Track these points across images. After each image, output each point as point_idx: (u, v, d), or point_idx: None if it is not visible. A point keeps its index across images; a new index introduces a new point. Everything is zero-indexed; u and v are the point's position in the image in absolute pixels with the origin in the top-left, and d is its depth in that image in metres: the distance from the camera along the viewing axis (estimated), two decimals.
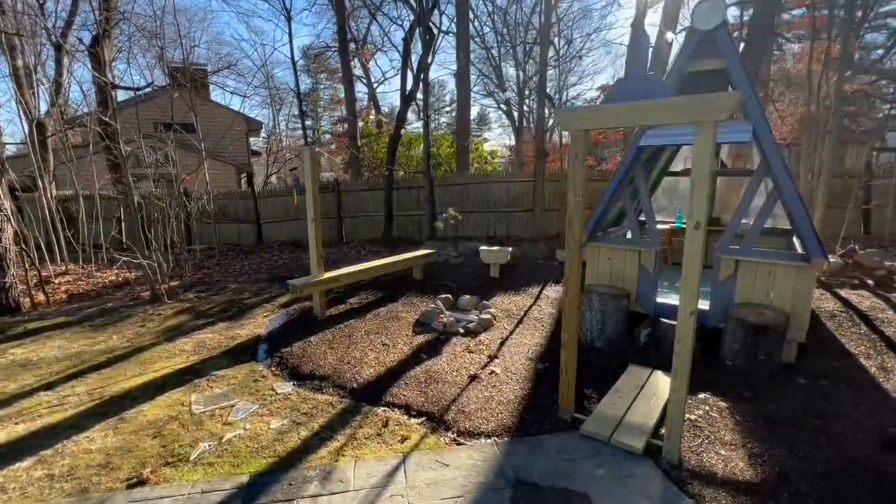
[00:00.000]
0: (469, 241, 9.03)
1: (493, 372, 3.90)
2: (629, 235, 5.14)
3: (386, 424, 3.10)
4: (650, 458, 2.69)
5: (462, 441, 2.93)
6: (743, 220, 4.22)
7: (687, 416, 3.22)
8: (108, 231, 8.43)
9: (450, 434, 3.01)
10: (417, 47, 9.48)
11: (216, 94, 26.74)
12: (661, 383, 3.59)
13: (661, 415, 3.09)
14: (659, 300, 4.66)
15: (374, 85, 22.28)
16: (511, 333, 4.87)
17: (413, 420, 3.20)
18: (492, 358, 4.22)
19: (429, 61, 8.08)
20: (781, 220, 5.29)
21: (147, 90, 11.45)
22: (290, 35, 8.82)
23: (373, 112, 21.84)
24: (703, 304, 4.50)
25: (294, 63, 8.22)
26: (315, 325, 5.20)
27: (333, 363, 4.16)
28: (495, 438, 2.95)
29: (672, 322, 4.39)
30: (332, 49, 14.27)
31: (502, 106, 28.10)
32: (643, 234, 4.93)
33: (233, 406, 3.36)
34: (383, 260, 6.33)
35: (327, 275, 5.41)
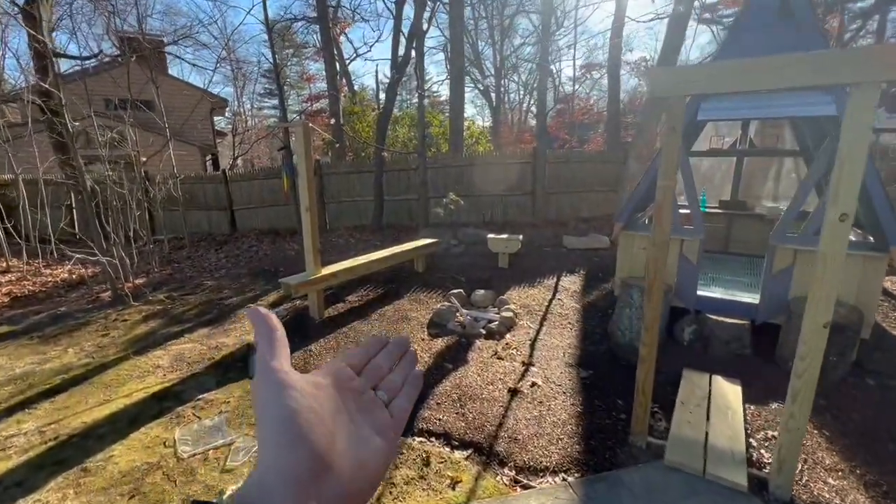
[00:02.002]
0: (466, 228, 8.43)
1: (534, 384, 3.38)
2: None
3: (427, 462, 2.53)
4: (756, 496, 2.25)
5: (526, 481, 2.40)
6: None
7: (767, 431, 2.81)
8: (56, 221, 7.34)
9: (507, 471, 2.48)
10: (409, 13, 8.61)
11: (174, 69, 24.68)
12: (729, 393, 3.18)
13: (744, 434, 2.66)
14: (700, 293, 4.25)
15: (347, 60, 20.98)
16: (538, 333, 4.36)
17: (458, 454, 2.64)
18: (526, 365, 3.70)
19: (424, 27, 7.26)
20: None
21: (93, 60, 10.08)
22: None
23: (345, 89, 20.58)
24: (751, 298, 4.13)
25: (269, 25, 7.21)
26: (313, 329, 4.53)
27: None
28: (564, 475, 2.44)
29: (721, 319, 4.00)
30: (307, 19, 13.07)
31: (479, 85, 27.32)
32: (685, 222, 4.47)
33: (230, 445, 2.70)
34: (384, 252, 5.66)
35: (325, 270, 4.72)
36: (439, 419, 2.95)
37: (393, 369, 0.43)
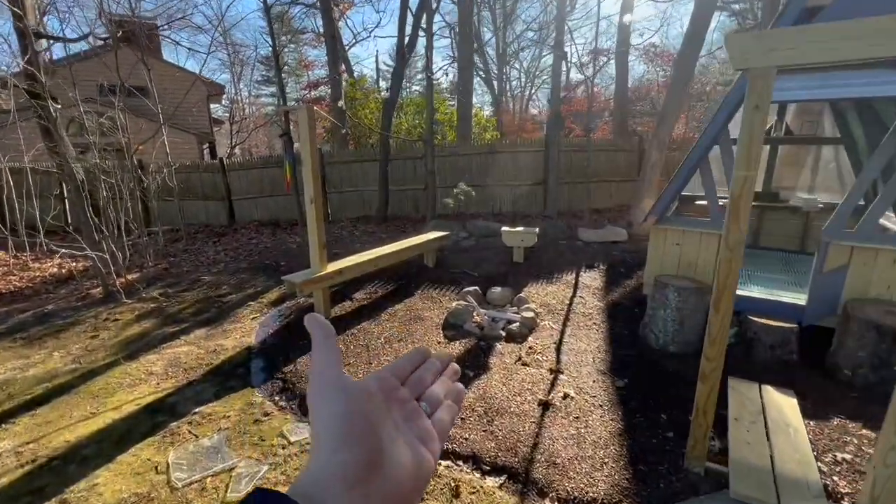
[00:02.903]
0: (476, 219, 8.07)
1: (566, 395, 3.06)
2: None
3: (457, 493, 2.22)
4: None
5: None
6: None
7: (835, 454, 2.50)
8: (45, 212, 6.95)
9: None
10: None
11: (169, 55, 24.03)
12: (785, 406, 2.86)
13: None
14: (739, 292, 3.91)
15: (347, 46, 20.37)
16: (562, 335, 4.04)
17: (490, 481, 2.33)
18: (554, 373, 3.38)
19: (433, 6, 6.79)
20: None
21: (83, 43, 9.59)
22: None
23: (346, 75, 20.01)
24: (796, 298, 3.80)
25: (267, 7, 6.76)
26: None
27: None
28: None
29: (767, 321, 3.67)
30: (304, 4, 12.52)
31: (481, 73, 26.70)
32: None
33: (231, 470, 2.38)
34: (392, 246, 5.31)
35: (331, 267, 4.37)
36: (466, 438, 2.63)
37: (434, 382, 0.43)
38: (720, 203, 3.97)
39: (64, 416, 2.99)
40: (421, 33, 7.16)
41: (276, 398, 3.17)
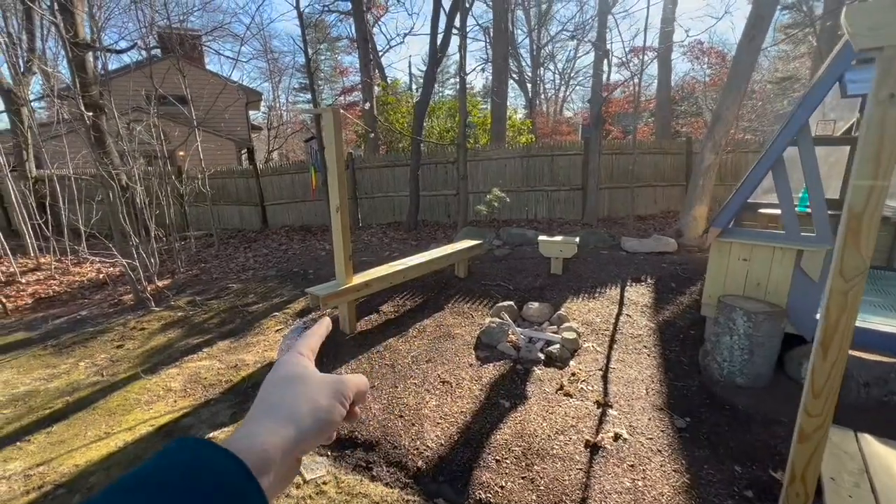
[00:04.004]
0: (510, 227, 7.69)
1: (617, 436, 2.65)
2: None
3: None
4: None
5: None
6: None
7: None
8: (88, 217, 7.14)
9: None
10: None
11: (212, 64, 24.95)
12: (893, 462, 2.35)
13: None
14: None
15: (380, 52, 20.46)
16: (608, 360, 3.62)
17: None
18: (602, 406, 2.97)
19: (467, 5, 6.50)
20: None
21: (128, 51, 9.94)
22: None
23: (378, 79, 20.08)
24: (892, 325, 3.23)
25: (299, 11, 6.69)
26: (343, 346, 3.96)
27: (380, 416, 2.92)
28: None
29: (858, 354, 3.12)
30: (337, 11, 12.57)
31: (514, 75, 26.24)
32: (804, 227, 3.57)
33: None
34: (422, 256, 5.03)
35: (357, 279, 4.13)
36: (502, 487, 2.28)
37: None
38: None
39: (79, 434, 2.86)
40: (454, 32, 6.90)
41: None
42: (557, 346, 3.70)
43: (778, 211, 4.68)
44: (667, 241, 6.25)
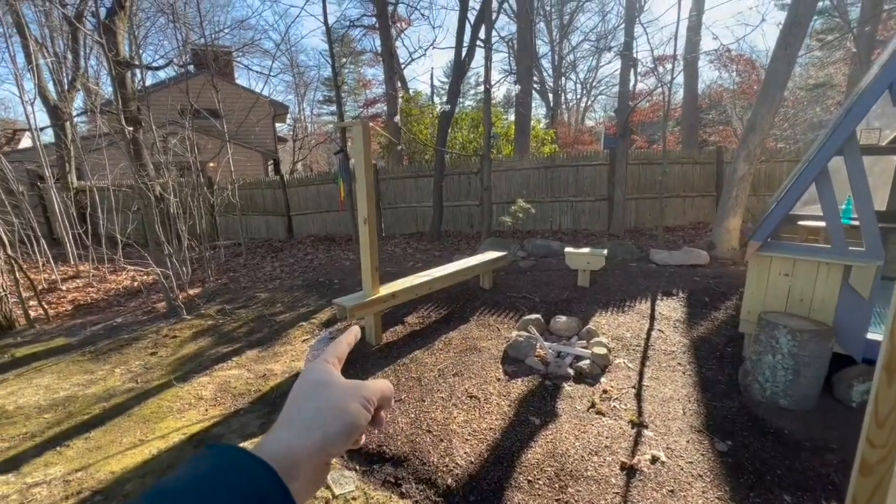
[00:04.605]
0: (534, 238, 7.61)
1: (654, 458, 2.54)
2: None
3: None
4: None
5: None
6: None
7: None
8: (125, 226, 7.43)
9: None
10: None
11: (241, 78, 25.82)
12: None
13: None
14: (871, 337, 3.18)
15: (402, 64, 20.81)
16: (641, 377, 3.50)
17: None
18: (637, 426, 2.86)
19: (493, 16, 6.53)
20: None
21: (164, 67, 10.38)
22: None
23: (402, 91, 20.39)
24: None
25: (327, 26, 6.86)
26: (369, 357, 3.95)
27: (407, 430, 2.89)
28: None
29: None
30: (363, 26, 12.86)
31: (535, 85, 26.22)
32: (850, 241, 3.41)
33: None
34: (447, 267, 5.01)
35: (383, 290, 4.14)
36: None
37: None
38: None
39: (115, 441, 2.92)
40: (479, 45, 6.94)
41: None
42: (587, 361, 3.60)
43: (818, 223, 4.49)
44: (698, 253, 6.06)
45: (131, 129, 5.46)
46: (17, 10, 8.83)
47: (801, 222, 4.75)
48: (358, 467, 2.59)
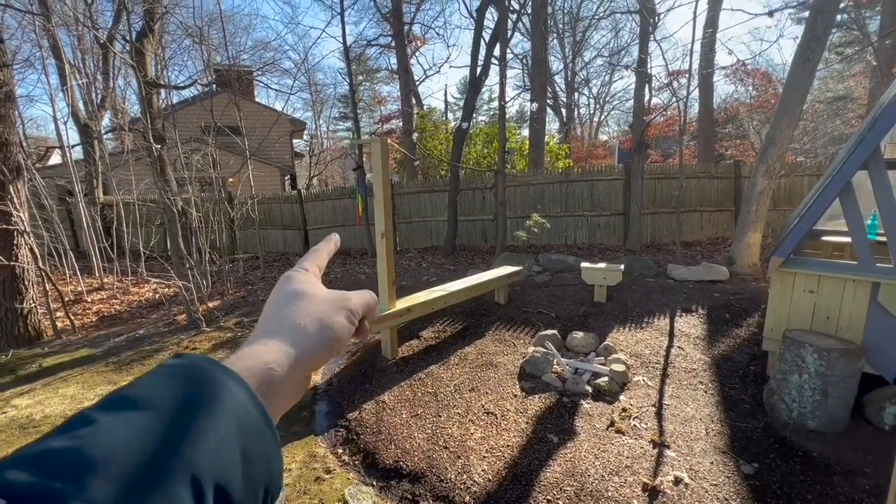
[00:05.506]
0: (549, 252, 7.59)
1: (678, 480, 2.48)
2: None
3: None
4: None
5: None
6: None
7: None
8: (148, 240, 7.65)
9: None
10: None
11: (261, 96, 26.60)
12: None
13: None
14: None
15: (417, 81, 21.23)
16: (661, 396, 3.43)
17: None
18: (658, 446, 2.80)
19: (508, 34, 6.66)
20: None
21: (189, 87, 10.77)
22: (341, 13, 7.74)
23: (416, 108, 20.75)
24: None
25: (346, 47, 7.08)
26: (385, 371, 3.96)
27: (424, 446, 2.88)
28: None
29: None
30: (379, 45, 13.21)
31: (549, 100, 26.38)
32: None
33: None
34: (463, 282, 5.02)
35: (399, 304, 4.16)
36: None
37: None
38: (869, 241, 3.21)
39: None
40: (493, 62, 7.06)
41: (340, 450, 2.92)
42: (606, 378, 3.55)
43: (843, 238, 4.39)
44: (718, 268, 5.96)
45: (158, 146, 5.66)
46: (53, 35, 9.32)
47: (825, 238, 4.66)
48: (375, 483, 2.59)
